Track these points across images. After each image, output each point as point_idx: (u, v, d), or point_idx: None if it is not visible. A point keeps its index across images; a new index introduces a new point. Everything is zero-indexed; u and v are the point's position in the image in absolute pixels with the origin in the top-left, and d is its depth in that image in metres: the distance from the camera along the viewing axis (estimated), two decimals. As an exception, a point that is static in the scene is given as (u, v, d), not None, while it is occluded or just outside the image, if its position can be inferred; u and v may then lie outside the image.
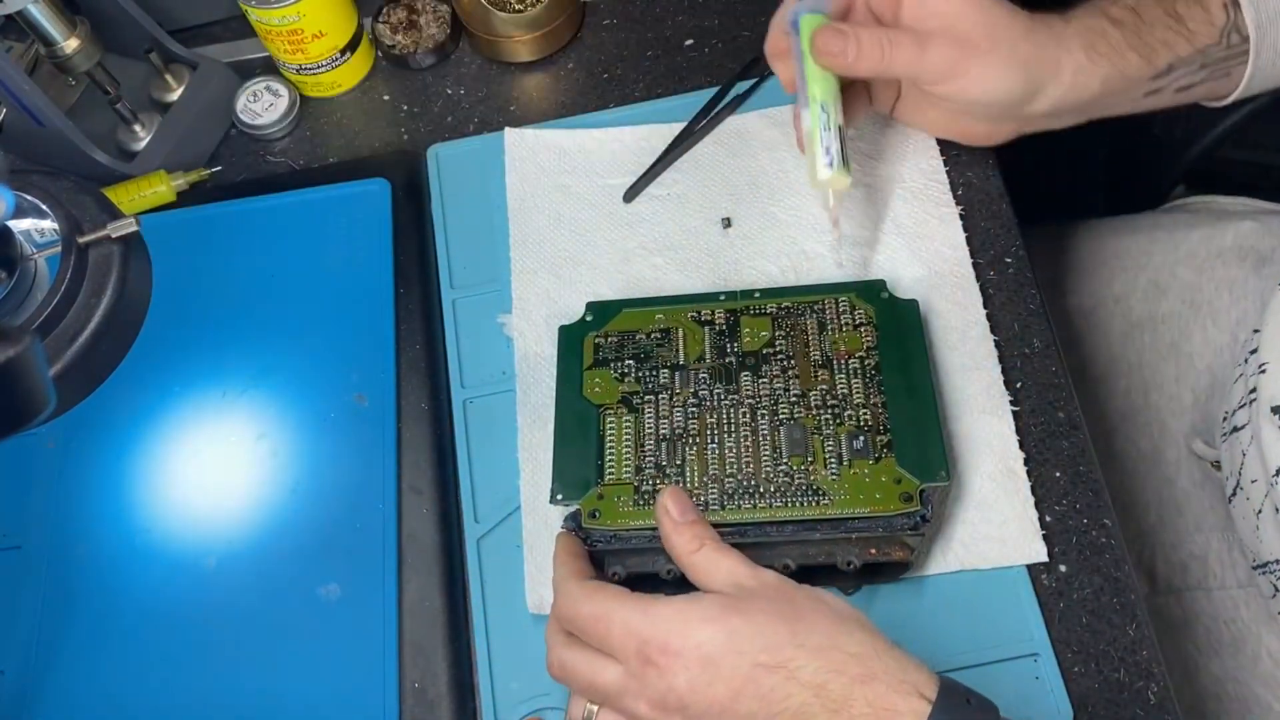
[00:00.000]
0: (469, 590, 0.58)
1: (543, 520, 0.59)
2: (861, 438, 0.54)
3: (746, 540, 0.53)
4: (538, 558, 0.58)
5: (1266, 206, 0.80)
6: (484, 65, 0.76)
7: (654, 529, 0.52)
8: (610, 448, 0.56)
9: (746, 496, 0.53)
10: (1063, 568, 0.56)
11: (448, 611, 0.58)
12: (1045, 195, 0.87)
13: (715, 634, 0.44)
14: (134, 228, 0.43)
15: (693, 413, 0.56)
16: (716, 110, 0.70)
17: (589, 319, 0.61)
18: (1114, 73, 0.57)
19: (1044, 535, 0.56)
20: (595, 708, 0.48)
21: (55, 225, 0.43)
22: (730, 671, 0.43)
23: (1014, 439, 0.58)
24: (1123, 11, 0.58)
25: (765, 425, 0.55)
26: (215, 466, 0.63)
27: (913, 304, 0.58)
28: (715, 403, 0.57)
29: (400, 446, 0.62)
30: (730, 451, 0.55)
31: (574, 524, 0.54)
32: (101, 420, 0.64)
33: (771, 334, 0.58)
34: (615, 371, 0.59)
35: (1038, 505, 0.57)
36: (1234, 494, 0.64)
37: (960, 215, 0.65)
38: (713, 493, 0.54)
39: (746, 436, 0.55)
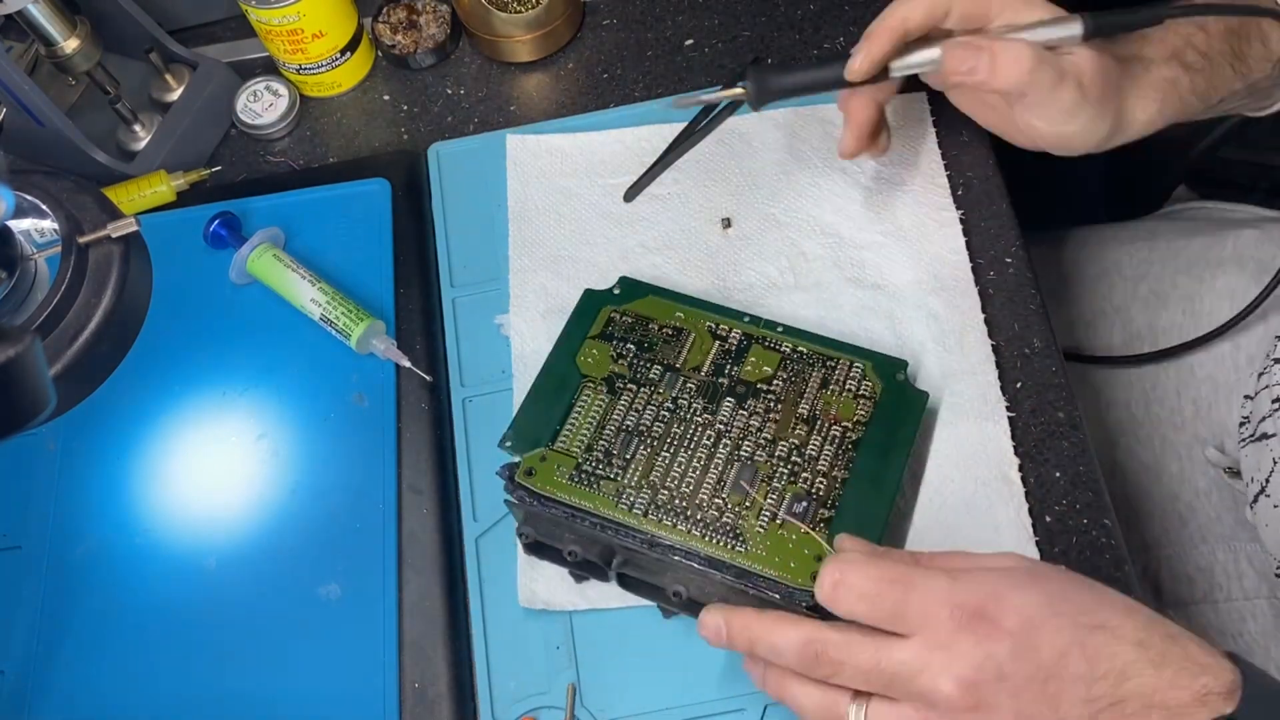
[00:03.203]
0: (468, 589, 0.58)
1: (542, 520, 0.59)
2: (805, 503, 0.53)
3: (651, 555, 0.53)
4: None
5: (1267, 214, 0.80)
6: (484, 65, 0.76)
7: (581, 510, 0.53)
8: (574, 418, 0.56)
9: (671, 514, 0.53)
10: (1062, 568, 0.56)
11: (448, 611, 0.58)
12: (1046, 195, 0.87)
13: (1033, 597, 0.41)
14: (134, 228, 0.43)
15: (664, 416, 0.57)
16: (717, 110, 0.70)
17: (616, 291, 0.61)
18: (1175, 116, 0.57)
19: (1043, 537, 0.56)
20: (859, 707, 0.43)
21: (55, 225, 0.43)
22: (1054, 634, 0.41)
23: (1009, 445, 0.58)
24: (1197, 57, 0.57)
25: (722, 455, 0.55)
26: (215, 466, 0.63)
27: (922, 396, 0.57)
28: (688, 415, 0.57)
29: (400, 446, 0.62)
30: (678, 466, 0.55)
31: (507, 474, 0.54)
32: (101, 420, 0.64)
33: (774, 372, 0.58)
34: (614, 350, 0.59)
35: (1038, 506, 0.57)
36: (1256, 500, 0.63)
37: (960, 219, 0.65)
38: (643, 497, 0.54)
39: (700, 459, 0.55)
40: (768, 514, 0.53)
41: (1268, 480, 0.62)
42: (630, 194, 0.68)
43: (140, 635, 0.58)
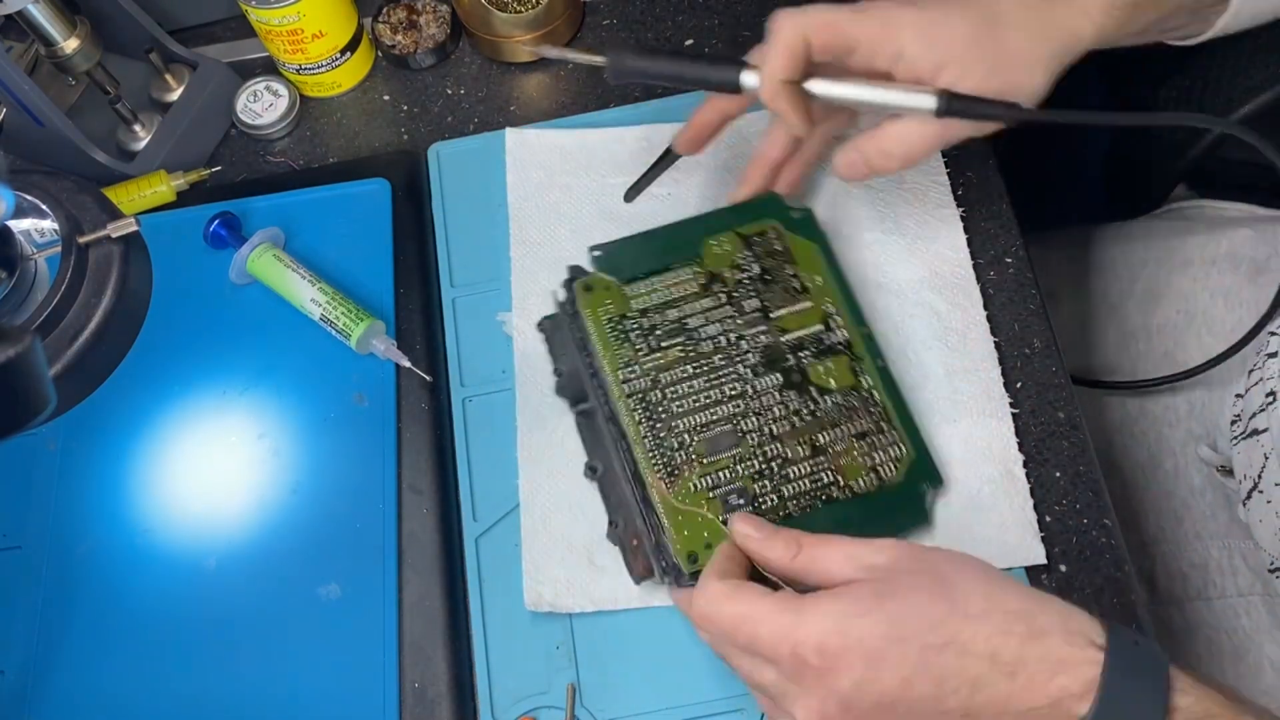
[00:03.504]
0: (468, 589, 0.58)
1: (541, 518, 0.59)
2: (743, 501, 0.54)
3: (603, 424, 0.55)
4: (535, 555, 0.58)
5: (1263, 213, 0.80)
6: (484, 65, 0.76)
7: (589, 347, 0.55)
8: (656, 281, 0.58)
9: (645, 413, 0.55)
10: (1063, 568, 0.56)
11: (448, 611, 0.58)
12: (1046, 195, 0.87)
13: (875, 626, 0.41)
14: (134, 228, 0.43)
15: (719, 342, 0.57)
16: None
17: (795, 216, 0.61)
18: (1117, 33, 0.55)
19: (1043, 536, 0.56)
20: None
21: (55, 225, 0.43)
22: (898, 661, 0.41)
23: (1013, 441, 0.58)
24: None
25: (727, 411, 0.55)
26: (216, 466, 0.63)
27: (922, 516, 0.56)
28: (736, 359, 0.57)
29: (400, 446, 0.62)
30: (688, 386, 0.56)
31: (572, 275, 0.58)
32: (101, 420, 0.64)
33: (835, 389, 0.56)
34: (743, 256, 0.59)
35: (1038, 506, 0.57)
36: (1249, 496, 0.63)
37: (961, 216, 0.65)
38: (640, 382, 0.55)
39: (709, 397, 0.56)
40: (708, 481, 0.54)
41: (1260, 476, 0.62)
42: (630, 194, 0.68)
43: (140, 635, 0.58)
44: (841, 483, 0.55)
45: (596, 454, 0.56)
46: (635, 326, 0.57)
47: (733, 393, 0.56)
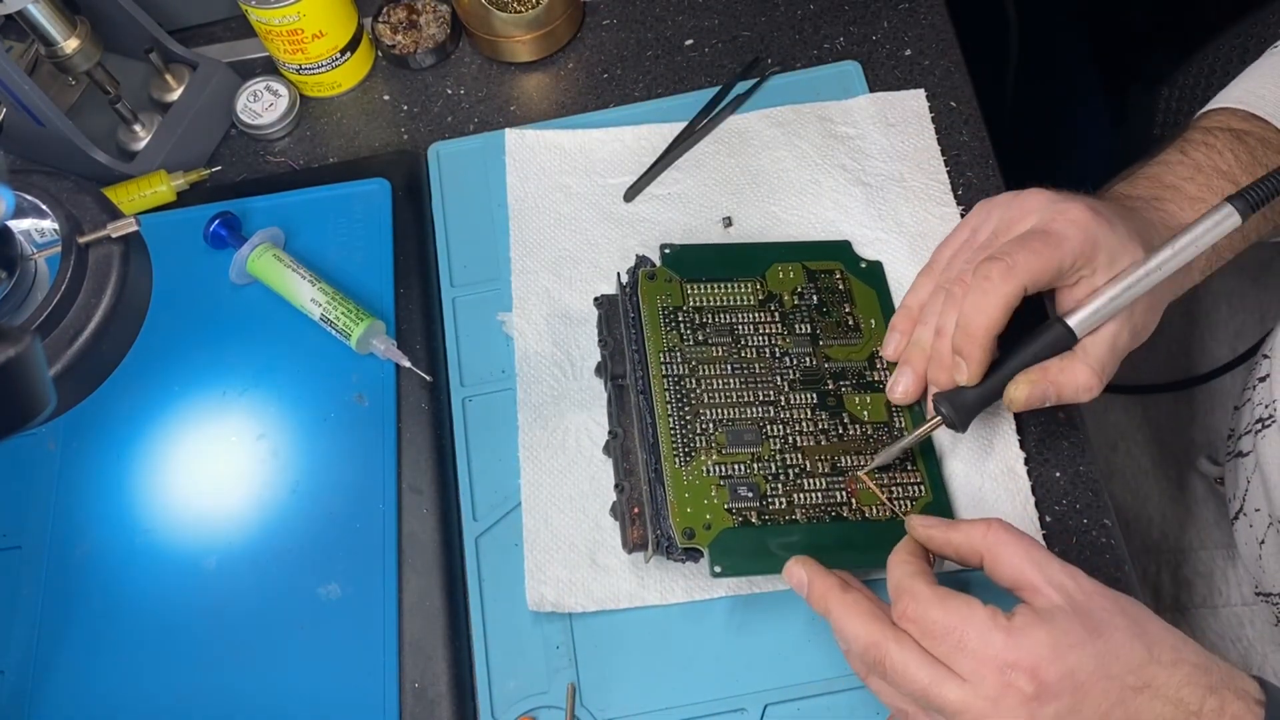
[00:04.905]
0: (468, 589, 0.58)
1: (543, 518, 0.59)
2: (752, 495, 0.54)
3: (635, 399, 0.57)
4: (537, 555, 0.58)
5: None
6: (484, 65, 0.76)
7: (640, 326, 0.58)
8: (717, 287, 0.60)
9: (677, 395, 0.57)
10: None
11: (448, 611, 0.58)
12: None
13: (1085, 659, 0.42)
14: (134, 227, 0.43)
15: (764, 354, 0.59)
16: (717, 110, 0.70)
17: (863, 265, 0.63)
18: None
19: (1044, 536, 0.56)
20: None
21: (55, 225, 0.43)
22: (1100, 696, 0.42)
23: (1014, 439, 0.58)
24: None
25: (755, 414, 0.57)
26: (215, 466, 0.63)
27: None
28: (777, 370, 0.58)
29: (400, 446, 0.62)
30: (723, 381, 0.58)
31: (639, 262, 0.61)
32: (101, 420, 0.64)
33: (867, 422, 0.57)
34: (804, 289, 0.61)
35: (1038, 505, 0.57)
36: (1237, 516, 0.63)
37: (960, 215, 0.65)
38: (680, 368, 0.57)
39: (741, 395, 0.58)
40: (722, 469, 0.55)
41: (1244, 498, 0.62)
42: (630, 194, 0.68)
43: (141, 635, 0.58)
44: (854, 505, 0.55)
45: (620, 423, 0.58)
46: (686, 320, 0.59)
47: (765, 399, 0.57)
